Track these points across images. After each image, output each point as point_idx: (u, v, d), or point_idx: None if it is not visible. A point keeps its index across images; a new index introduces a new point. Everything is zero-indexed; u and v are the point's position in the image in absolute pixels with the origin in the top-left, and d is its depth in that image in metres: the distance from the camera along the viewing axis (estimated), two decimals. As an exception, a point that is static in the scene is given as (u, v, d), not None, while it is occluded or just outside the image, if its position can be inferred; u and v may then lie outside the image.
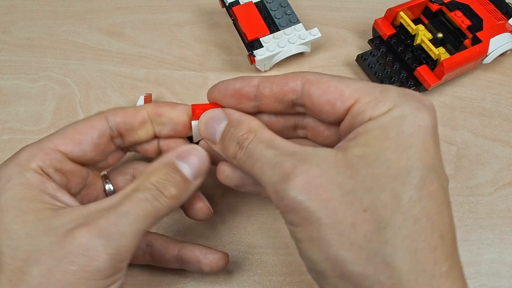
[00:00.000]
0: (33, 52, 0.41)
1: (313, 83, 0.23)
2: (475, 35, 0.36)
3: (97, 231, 0.21)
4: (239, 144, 0.23)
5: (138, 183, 0.24)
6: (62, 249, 0.20)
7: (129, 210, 0.22)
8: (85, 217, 0.22)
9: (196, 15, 0.44)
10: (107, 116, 0.26)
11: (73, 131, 0.25)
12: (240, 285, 0.31)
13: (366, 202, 0.19)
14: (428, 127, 0.21)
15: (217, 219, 0.33)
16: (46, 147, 0.24)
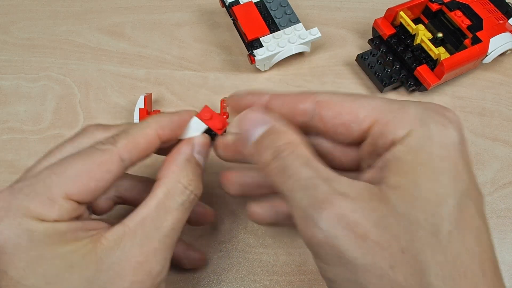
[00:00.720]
0: (33, 52, 0.41)
1: (325, 105, 0.22)
2: (475, 35, 0.36)
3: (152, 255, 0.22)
4: (275, 154, 0.21)
5: (171, 188, 0.23)
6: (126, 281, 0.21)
7: (171, 226, 0.22)
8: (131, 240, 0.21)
9: (196, 15, 0.44)
10: (122, 155, 0.23)
11: (86, 177, 0.21)
12: (240, 285, 0.31)
13: (404, 241, 0.18)
14: (456, 144, 0.20)
15: (217, 219, 0.33)
16: (56, 194, 0.21)
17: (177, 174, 0.23)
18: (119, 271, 0.21)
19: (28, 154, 0.36)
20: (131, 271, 0.21)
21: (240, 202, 0.34)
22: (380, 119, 0.21)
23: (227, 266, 0.31)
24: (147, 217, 0.22)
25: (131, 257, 0.21)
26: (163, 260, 0.22)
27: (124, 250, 0.21)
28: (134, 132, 0.24)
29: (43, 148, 0.36)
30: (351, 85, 0.39)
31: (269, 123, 0.22)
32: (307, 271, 0.31)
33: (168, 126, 0.25)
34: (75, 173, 0.21)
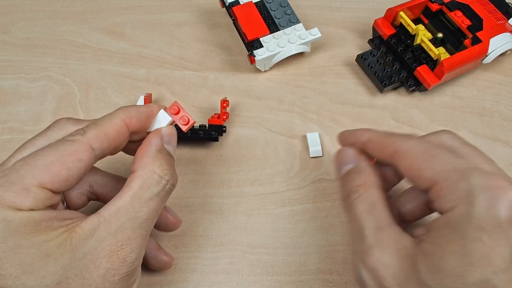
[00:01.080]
0: (33, 52, 0.41)
1: (401, 158, 0.25)
2: (475, 35, 0.36)
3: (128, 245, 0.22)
4: (349, 193, 0.26)
5: (146, 178, 0.24)
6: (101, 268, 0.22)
7: (145, 216, 0.23)
8: (105, 229, 0.22)
9: (196, 15, 0.44)
10: (92, 144, 0.23)
11: (58, 166, 0.22)
12: (240, 285, 0.31)
13: None
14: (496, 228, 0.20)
15: (217, 219, 0.33)
16: (31, 185, 0.21)
17: (151, 165, 0.24)
18: (93, 260, 0.21)
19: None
20: (105, 259, 0.22)
21: (240, 202, 0.34)
22: (438, 184, 0.23)
23: (227, 266, 0.31)
24: (121, 207, 0.23)
25: (106, 246, 0.22)
26: (137, 248, 0.23)
27: (98, 239, 0.22)
28: (102, 122, 0.24)
29: (43, 148, 0.36)
30: (351, 85, 0.39)
31: (355, 162, 0.27)
32: (307, 271, 0.31)
33: (135, 116, 0.25)
34: (47, 162, 0.22)
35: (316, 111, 0.38)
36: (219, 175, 0.35)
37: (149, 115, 0.26)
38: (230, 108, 0.38)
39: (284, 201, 0.34)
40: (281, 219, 0.33)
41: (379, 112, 0.38)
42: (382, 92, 0.38)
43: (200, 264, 0.31)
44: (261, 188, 0.34)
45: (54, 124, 0.26)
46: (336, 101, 0.38)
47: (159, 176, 0.24)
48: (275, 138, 0.37)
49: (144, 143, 0.25)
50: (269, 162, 0.35)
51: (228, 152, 0.36)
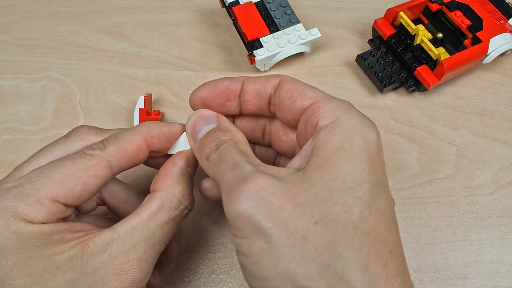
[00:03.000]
0: (33, 52, 0.41)
1: (287, 82, 0.25)
2: (475, 35, 0.36)
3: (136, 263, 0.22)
4: (217, 146, 0.23)
5: (166, 201, 0.24)
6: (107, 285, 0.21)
7: (158, 239, 0.23)
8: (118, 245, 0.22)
9: (196, 15, 0.44)
10: (110, 161, 0.23)
11: (73, 180, 0.22)
12: (240, 285, 0.31)
13: (318, 214, 0.19)
14: (375, 144, 0.22)
15: (217, 219, 0.33)
16: (43, 196, 0.21)
17: (173, 188, 0.24)
18: (102, 276, 0.21)
19: (28, 154, 0.36)
20: (114, 277, 0.21)
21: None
22: (318, 102, 0.23)
23: (227, 267, 0.31)
24: (137, 226, 0.22)
25: (117, 264, 0.21)
26: (146, 269, 0.23)
27: (110, 256, 0.21)
28: (123, 138, 0.24)
29: (43, 148, 0.36)
30: (351, 85, 0.39)
31: (217, 122, 0.25)
32: None
33: (157, 136, 0.25)
34: (63, 176, 0.22)
35: (316, 111, 0.38)
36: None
37: (171, 137, 0.26)
38: (230, 108, 0.38)
39: (284, 201, 0.34)
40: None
41: (379, 112, 0.38)
42: (382, 92, 0.38)
43: (200, 264, 0.31)
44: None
45: (74, 133, 0.25)
46: (336, 101, 0.38)
47: (178, 200, 0.24)
48: (275, 138, 0.37)
49: (168, 163, 0.25)
50: (269, 162, 0.35)
51: (228, 152, 0.36)
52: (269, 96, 0.25)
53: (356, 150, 0.21)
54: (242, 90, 0.26)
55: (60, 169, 0.22)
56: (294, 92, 0.24)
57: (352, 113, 0.22)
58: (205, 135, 0.25)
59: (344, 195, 0.20)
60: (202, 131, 0.25)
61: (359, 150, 0.21)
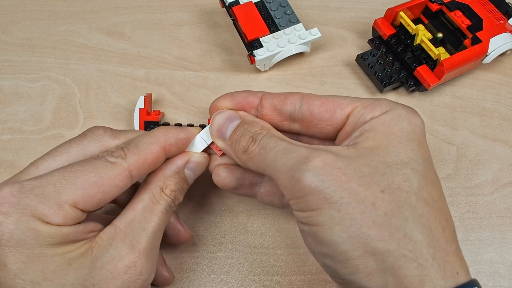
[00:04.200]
0: (33, 52, 0.41)
1: (311, 97, 0.25)
2: (475, 35, 0.36)
3: (141, 254, 0.23)
4: (253, 138, 0.24)
5: (156, 195, 0.25)
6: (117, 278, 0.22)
7: (156, 227, 0.24)
8: (122, 239, 0.23)
9: (196, 15, 0.44)
10: (131, 170, 0.23)
11: (95, 188, 0.22)
12: (240, 285, 0.31)
13: (383, 184, 0.21)
14: (421, 127, 0.24)
15: (217, 219, 0.33)
16: (64, 201, 0.21)
17: (162, 182, 0.25)
18: (111, 270, 0.22)
19: (28, 154, 0.36)
20: (123, 269, 0.22)
21: (240, 202, 0.34)
22: (360, 105, 0.24)
23: (227, 267, 0.31)
24: (134, 218, 0.24)
25: (124, 256, 0.22)
26: (151, 259, 0.24)
27: (116, 249, 0.22)
28: (143, 147, 0.24)
29: (43, 148, 0.36)
30: (351, 85, 0.39)
31: (239, 117, 0.26)
32: (307, 271, 0.31)
33: (175, 144, 0.26)
34: (85, 183, 0.22)
35: (316, 111, 0.38)
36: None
37: (187, 142, 0.27)
38: (230, 108, 0.38)
39: (284, 201, 0.34)
40: (281, 219, 0.33)
41: (379, 112, 0.38)
42: (382, 92, 0.38)
43: (200, 264, 0.31)
44: (261, 188, 0.34)
45: (90, 133, 0.25)
46: (336, 101, 0.38)
47: (166, 194, 0.25)
48: (275, 138, 0.37)
49: (170, 160, 0.26)
50: (269, 162, 0.35)
51: (228, 152, 0.36)
52: (289, 113, 0.26)
53: (405, 133, 0.23)
54: (260, 104, 0.26)
55: (83, 175, 0.22)
56: (328, 104, 0.25)
57: (396, 104, 0.24)
58: (233, 131, 0.25)
59: (401, 168, 0.21)
60: (228, 130, 0.25)
61: (407, 133, 0.23)
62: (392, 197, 0.21)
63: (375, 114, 0.23)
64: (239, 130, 0.25)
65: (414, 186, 0.21)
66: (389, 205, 0.20)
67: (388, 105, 0.24)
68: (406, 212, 0.20)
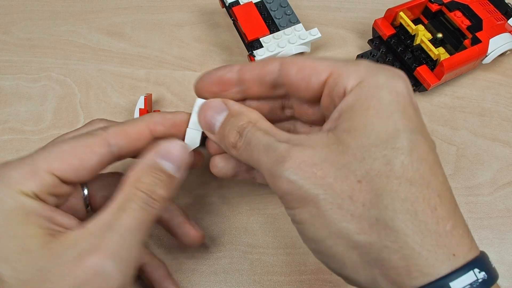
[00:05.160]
0: (34, 52, 0.41)
1: (289, 63, 0.24)
2: (475, 35, 0.36)
3: (108, 255, 0.21)
4: (240, 133, 0.24)
5: (127, 193, 0.23)
6: (77, 278, 0.20)
7: (129, 225, 0.22)
8: (87, 240, 0.21)
9: (196, 15, 0.44)
10: (109, 139, 0.24)
11: (71, 154, 0.23)
12: (240, 285, 0.31)
13: (360, 173, 0.20)
14: (405, 93, 0.21)
15: (217, 219, 0.33)
16: (40, 168, 0.22)
17: (135, 177, 0.23)
18: (70, 268, 0.20)
19: (28, 154, 0.36)
20: (83, 271, 0.20)
21: (240, 202, 0.34)
22: (335, 71, 0.22)
23: (227, 266, 0.31)
24: (104, 218, 0.22)
25: (86, 257, 0.21)
26: (122, 265, 0.22)
27: (79, 251, 0.21)
28: (126, 123, 0.25)
29: (43, 148, 0.36)
30: (351, 86, 0.39)
31: (227, 109, 0.25)
32: (307, 271, 0.31)
33: (160, 122, 0.26)
34: (62, 151, 0.23)
35: (316, 111, 0.38)
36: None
37: (175, 123, 0.26)
38: (230, 108, 0.38)
39: (284, 201, 0.34)
40: (281, 219, 0.33)
41: (379, 112, 0.38)
42: (382, 92, 0.38)
43: (200, 264, 0.31)
44: (261, 188, 0.34)
45: (87, 123, 0.27)
46: (336, 101, 0.38)
47: (139, 190, 0.23)
48: (275, 138, 0.37)
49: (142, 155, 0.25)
50: (269, 162, 0.35)
51: (228, 152, 0.36)
52: (272, 82, 0.25)
53: (384, 105, 0.21)
54: (239, 79, 0.25)
55: (60, 145, 0.23)
56: (304, 71, 0.23)
57: (374, 70, 0.22)
58: (221, 125, 0.25)
59: (381, 149, 0.20)
60: (217, 123, 0.25)
61: (387, 104, 0.21)
62: (370, 185, 0.20)
63: (349, 83, 0.22)
64: (226, 124, 0.25)
65: (396, 168, 0.20)
66: (367, 195, 0.19)
67: (365, 71, 0.22)
68: (385, 200, 0.19)
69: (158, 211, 0.24)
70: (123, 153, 0.25)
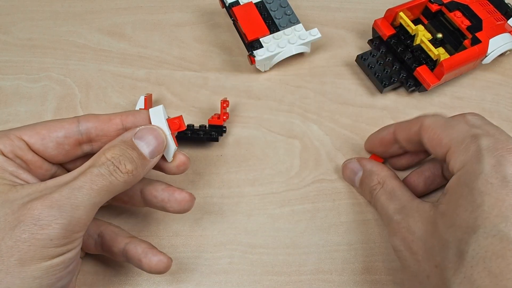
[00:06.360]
0: (34, 52, 0.42)
1: (425, 129, 0.27)
2: (475, 35, 0.36)
3: (50, 203, 0.22)
4: (371, 193, 0.30)
5: (95, 159, 0.25)
6: (16, 220, 0.22)
7: (82, 185, 0.23)
8: (41, 191, 0.23)
9: (196, 15, 0.44)
10: (79, 119, 0.27)
11: (41, 126, 0.26)
12: (240, 285, 0.31)
13: (439, 259, 0.23)
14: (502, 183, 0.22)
15: (217, 218, 0.33)
16: (12, 134, 0.25)
17: (105, 149, 0.25)
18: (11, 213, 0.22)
19: (28, 154, 0.36)
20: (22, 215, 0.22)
21: (240, 202, 0.34)
22: (452, 148, 0.25)
23: (227, 266, 0.31)
24: (64, 179, 0.24)
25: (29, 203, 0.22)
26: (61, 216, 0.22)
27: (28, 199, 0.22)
28: (97, 114, 0.28)
29: (43, 148, 0.36)
30: (351, 86, 0.39)
31: (360, 169, 0.32)
32: (307, 271, 0.31)
33: (131, 114, 0.28)
34: (35, 124, 0.26)
35: (316, 112, 0.38)
36: (219, 175, 0.35)
37: (144, 115, 0.28)
38: (230, 109, 0.38)
39: (284, 201, 0.34)
40: (281, 219, 0.33)
41: (379, 112, 0.38)
42: (382, 93, 0.38)
43: (200, 264, 0.31)
44: (261, 188, 0.34)
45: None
46: (336, 101, 0.39)
47: (107, 158, 0.24)
48: (275, 138, 0.37)
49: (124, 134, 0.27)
50: (269, 162, 0.35)
51: (228, 152, 0.36)
52: (418, 141, 0.28)
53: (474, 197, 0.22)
54: (395, 139, 0.30)
55: (36, 123, 0.27)
56: (432, 142, 0.27)
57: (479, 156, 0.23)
58: (359, 183, 0.32)
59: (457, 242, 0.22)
60: (356, 180, 0.32)
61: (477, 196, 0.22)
62: (441, 272, 0.23)
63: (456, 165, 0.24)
64: (363, 184, 0.32)
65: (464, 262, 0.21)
66: (438, 280, 0.23)
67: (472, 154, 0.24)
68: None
69: (121, 183, 0.24)
70: (93, 135, 0.27)
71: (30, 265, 0.21)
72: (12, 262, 0.21)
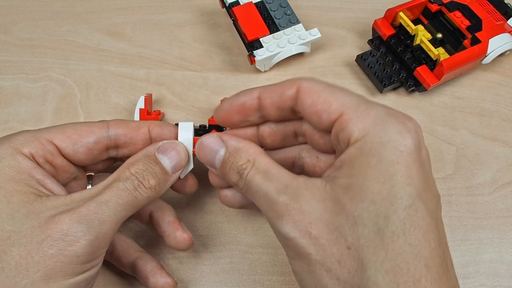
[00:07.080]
0: (34, 52, 0.42)
1: (306, 92, 0.23)
2: (474, 35, 0.36)
3: (78, 218, 0.22)
4: (239, 174, 0.24)
5: (119, 173, 0.25)
6: (43, 233, 0.21)
7: (109, 199, 0.23)
8: (67, 205, 0.23)
9: (196, 15, 0.44)
10: (109, 125, 0.27)
11: (72, 130, 0.26)
12: (240, 285, 0.31)
13: (350, 239, 0.20)
14: (411, 151, 0.21)
15: (217, 218, 0.33)
16: (43, 137, 0.25)
17: (129, 163, 0.25)
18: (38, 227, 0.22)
19: (28, 154, 0.36)
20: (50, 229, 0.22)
21: (240, 202, 0.34)
22: (345, 113, 0.22)
23: (227, 266, 0.31)
24: (90, 192, 0.24)
25: (57, 217, 0.22)
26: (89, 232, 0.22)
27: (55, 212, 0.22)
28: (126, 121, 0.28)
29: (43, 148, 0.36)
30: (351, 86, 0.39)
31: (224, 145, 0.25)
32: None
33: (158, 125, 0.28)
34: (65, 127, 0.26)
35: (316, 111, 0.38)
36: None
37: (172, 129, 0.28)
38: (230, 108, 0.38)
39: (284, 201, 0.34)
40: (281, 219, 0.33)
41: (379, 112, 0.38)
42: (382, 93, 0.38)
43: (200, 264, 0.31)
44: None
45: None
46: (336, 101, 0.38)
47: (130, 173, 0.25)
48: (275, 138, 0.37)
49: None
50: (269, 162, 0.35)
51: (228, 152, 0.36)
52: (290, 108, 0.24)
53: (384, 167, 0.20)
54: (259, 105, 0.25)
55: (65, 125, 0.26)
56: (316, 106, 0.23)
57: (382, 123, 0.21)
58: (221, 164, 0.25)
59: (373, 217, 0.20)
60: (216, 161, 0.25)
61: (388, 165, 0.20)
62: (357, 253, 0.20)
63: (355, 133, 0.21)
64: (226, 163, 0.25)
65: (385, 238, 0.19)
66: (354, 262, 0.20)
67: (373, 121, 0.21)
68: (369, 271, 0.19)
69: (144, 199, 0.25)
70: (121, 142, 0.27)
71: (55, 282, 0.21)
72: (37, 277, 0.21)
